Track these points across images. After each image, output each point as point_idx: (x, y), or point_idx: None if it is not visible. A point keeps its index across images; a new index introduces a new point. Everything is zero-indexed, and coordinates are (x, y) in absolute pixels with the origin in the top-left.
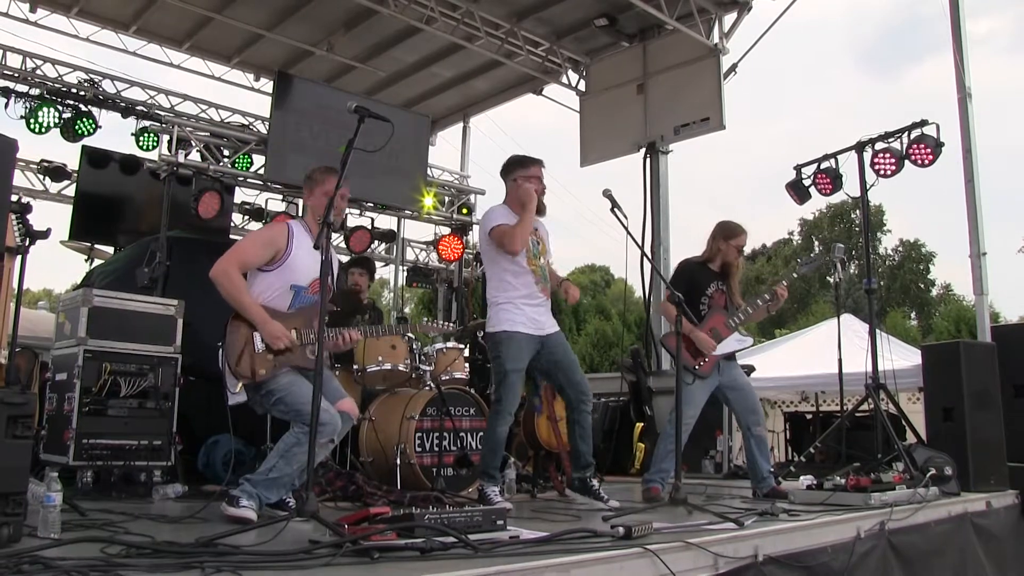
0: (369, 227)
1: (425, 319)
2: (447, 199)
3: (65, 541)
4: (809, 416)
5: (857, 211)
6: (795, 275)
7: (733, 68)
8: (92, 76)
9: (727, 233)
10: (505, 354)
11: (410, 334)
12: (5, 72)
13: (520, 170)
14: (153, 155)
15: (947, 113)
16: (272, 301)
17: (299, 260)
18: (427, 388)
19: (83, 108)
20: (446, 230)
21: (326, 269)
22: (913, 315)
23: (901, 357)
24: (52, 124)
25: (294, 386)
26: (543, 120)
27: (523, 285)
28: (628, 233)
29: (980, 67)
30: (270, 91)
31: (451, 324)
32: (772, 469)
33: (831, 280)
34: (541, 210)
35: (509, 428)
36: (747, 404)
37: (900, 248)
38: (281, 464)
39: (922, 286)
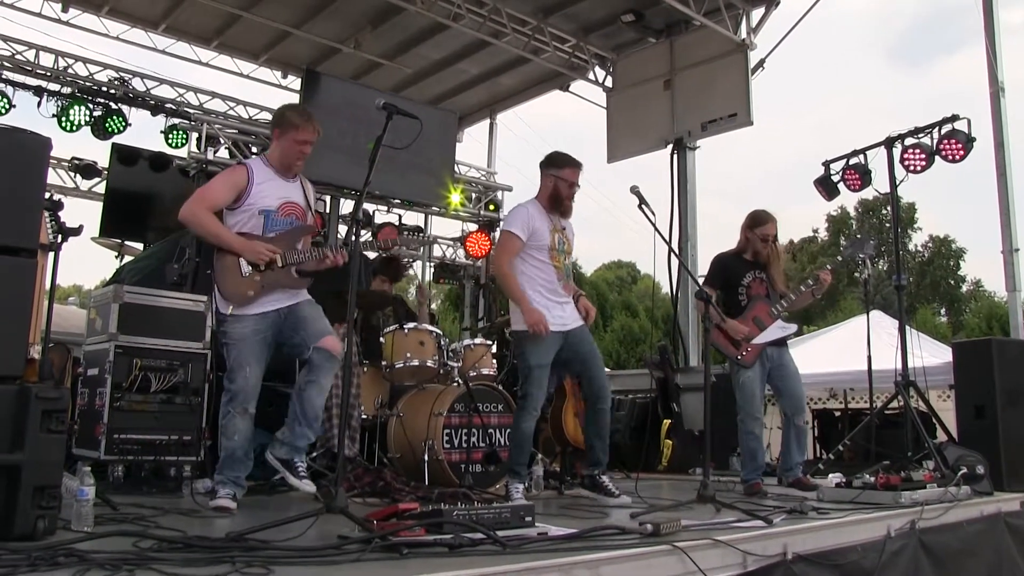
0: (396, 223)
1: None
2: (474, 195)
3: (98, 534)
4: (838, 413)
5: (887, 207)
6: (839, 259)
7: (761, 63)
8: (122, 74)
9: (752, 222)
10: (529, 350)
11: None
12: (38, 71)
13: (554, 169)
14: (182, 152)
15: (979, 106)
16: (247, 230)
17: (262, 191)
18: (455, 384)
19: (113, 106)
20: (473, 226)
21: (354, 267)
22: (943, 311)
23: (931, 354)
24: (83, 122)
25: (243, 343)
26: (570, 116)
27: (545, 280)
28: (656, 230)
29: (1014, 57)
30: (298, 88)
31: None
32: (802, 462)
33: (859, 276)
34: (565, 212)
35: (536, 424)
36: (792, 391)
37: (930, 244)
38: (223, 440)
39: (952, 282)
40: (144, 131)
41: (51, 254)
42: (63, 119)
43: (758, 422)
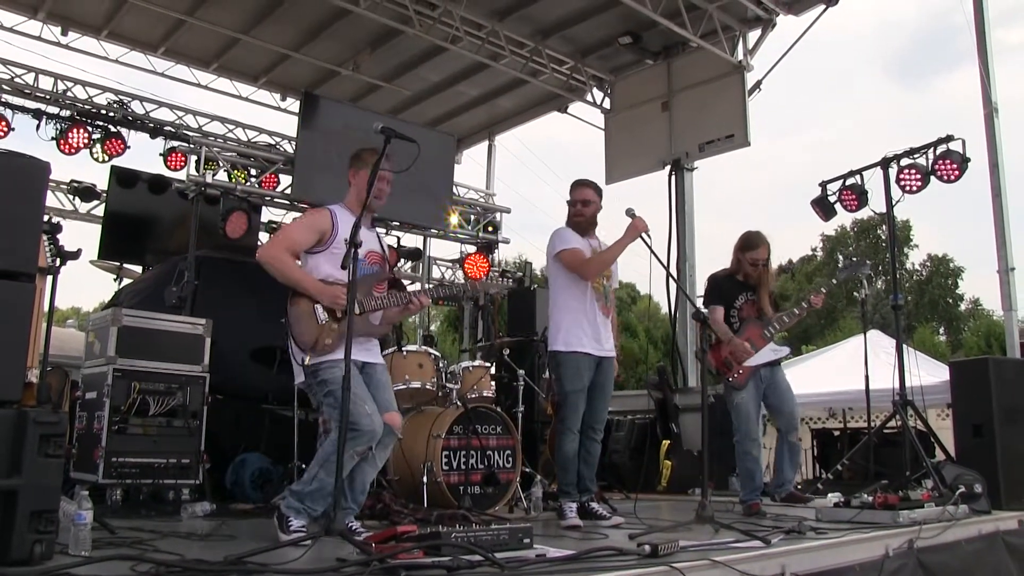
0: (395, 246)
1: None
2: (472, 217)
3: (96, 559)
4: (837, 433)
5: (883, 226)
6: (834, 281)
7: (758, 85)
8: (121, 97)
9: (743, 244)
10: (564, 375)
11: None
12: (37, 94)
13: (569, 195)
14: (181, 175)
15: (977, 124)
16: (333, 278)
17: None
18: (454, 406)
19: (112, 129)
20: (472, 248)
21: (352, 291)
22: (942, 330)
23: (929, 373)
24: (82, 145)
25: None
26: (568, 138)
27: (583, 302)
28: (652, 253)
29: (1014, 75)
30: (296, 111)
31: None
32: (794, 478)
33: (858, 296)
34: (584, 230)
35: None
36: (784, 409)
37: (928, 263)
38: (321, 474)
39: (950, 301)
40: (143, 154)
41: (49, 277)
42: (62, 142)
43: (756, 443)
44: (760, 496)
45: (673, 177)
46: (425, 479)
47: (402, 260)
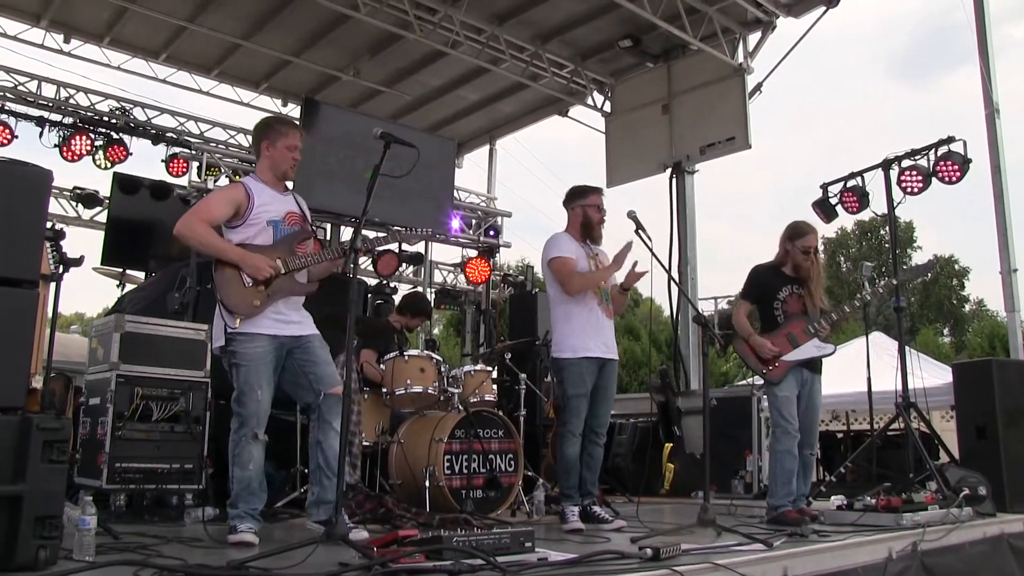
0: (397, 250)
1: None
2: (474, 221)
3: (100, 564)
4: (840, 435)
5: (884, 227)
6: (895, 282)
7: (758, 87)
8: (123, 104)
9: (791, 233)
10: (567, 380)
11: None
12: (40, 102)
13: (579, 199)
14: (183, 181)
15: (980, 123)
16: (259, 242)
17: (264, 205)
18: (456, 410)
19: (115, 135)
20: (473, 252)
21: (353, 295)
22: (946, 331)
23: (932, 375)
24: (84, 152)
25: (254, 363)
26: (569, 141)
27: (585, 308)
28: (654, 255)
29: (1022, 72)
30: (297, 116)
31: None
32: (806, 494)
33: (860, 298)
34: (596, 239)
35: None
36: (809, 424)
37: (934, 264)
38: (236, 471)
39: (955, 302)
40: (145, 160)
41: (52, 284)
42: (64, 149)
43: (796, 440)
44: (791, 503)
45: (674, 180)
46: (427, 483)
47: (404, 264)
